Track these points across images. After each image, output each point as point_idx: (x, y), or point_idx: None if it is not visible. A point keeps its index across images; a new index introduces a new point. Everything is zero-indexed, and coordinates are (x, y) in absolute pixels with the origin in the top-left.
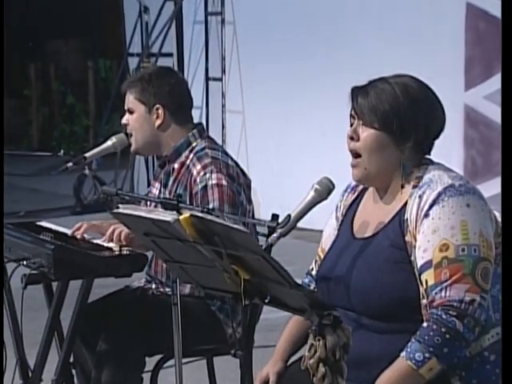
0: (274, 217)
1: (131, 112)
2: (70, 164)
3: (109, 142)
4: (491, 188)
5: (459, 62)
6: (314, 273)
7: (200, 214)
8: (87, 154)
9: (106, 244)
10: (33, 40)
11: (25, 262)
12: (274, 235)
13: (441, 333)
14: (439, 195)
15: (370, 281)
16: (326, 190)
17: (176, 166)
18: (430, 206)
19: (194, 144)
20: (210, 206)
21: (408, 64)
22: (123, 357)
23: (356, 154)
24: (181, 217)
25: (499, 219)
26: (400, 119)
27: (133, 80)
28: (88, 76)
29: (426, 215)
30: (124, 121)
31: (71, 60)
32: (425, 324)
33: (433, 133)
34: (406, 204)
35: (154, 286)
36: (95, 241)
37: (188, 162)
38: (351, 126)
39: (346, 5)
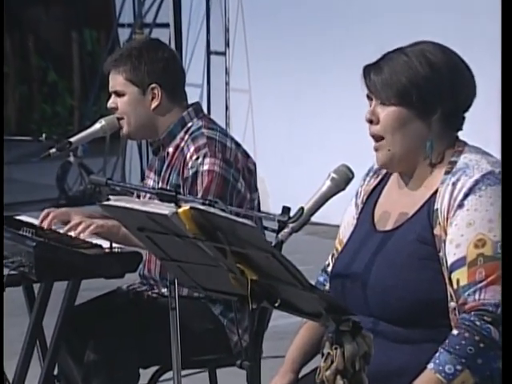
0: (285, 210)
1: (120, 95)
2: (53, 150)
3: (97, 126)
4: None
5: (496, 33)
6: (330, 269)
7: (201, 207)
8: (72, 139)
9: (93, 239)
10: (8, 7)
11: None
12: (285, 231)
13: (474, 342)
14: (476, 183)
15: (391, 279)
16: (343, 179)
17: (170, 150)
18: (465, 196)
19: (189, 124)
20: (198, 196)
21: (438, 36)
22: (114, 368)
23: (378, 138)
24: (179, 210)
25: None
26: (420, 90)
27: (119, 57)
28: (72, 49)
29: (460, 206)
30: (111, 104)
31: (53, 31)
32: (455, 331)
33: (462, 102)
34: (436, 192)
35: (148, 288)
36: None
37: (183, 144)
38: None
39: None
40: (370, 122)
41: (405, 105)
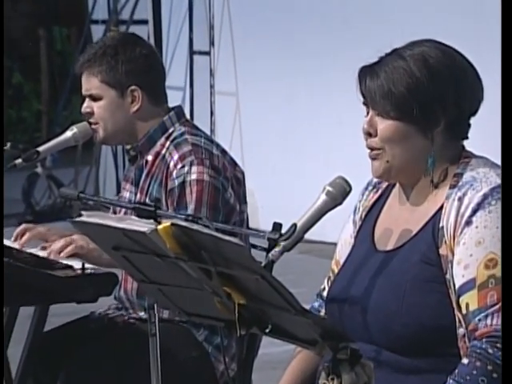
0: (276, 226)
1: (96, 99)
2: (19, 160)
3: (68, 134)
4: None
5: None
6: (325, 293)
7: (183, 223)
8: (40, 148)
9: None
10: None
11: None
12: (276, 249)
13: (486, 371)
14: (485, 198)
15: (393, 303)
16: (340, 192)
17: (150, 157)
18: (474, 212)
19: (170, 130)
20: (189, 209)
21: (445, 35)
22: None
23: (376, 150)
24: (159, 226)
25: None
26: (420, 102)
27: (92, 57)
28: (40, 48)
29: (468, 223)
30: (86, 109)
31: (19, 28)
32: (465, 360)
33: (468, 108)
34: (441, 208)
35: (124, 312)
36: (39, 253)
37: (164, 151)
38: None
39: None
40: (369, 134)
41: (404, 119)
